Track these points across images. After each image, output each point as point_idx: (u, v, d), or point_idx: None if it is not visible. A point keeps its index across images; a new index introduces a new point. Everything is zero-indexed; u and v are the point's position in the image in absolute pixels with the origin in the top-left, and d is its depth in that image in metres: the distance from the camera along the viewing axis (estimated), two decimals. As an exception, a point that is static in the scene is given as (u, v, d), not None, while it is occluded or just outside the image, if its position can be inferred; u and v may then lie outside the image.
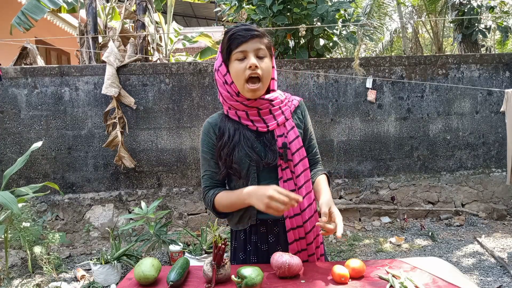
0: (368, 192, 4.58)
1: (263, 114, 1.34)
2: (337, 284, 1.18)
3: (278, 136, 1.34)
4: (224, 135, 1.34)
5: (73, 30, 7.86)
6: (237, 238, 1.43)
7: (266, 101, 1.33)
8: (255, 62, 1.25)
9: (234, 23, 6.15)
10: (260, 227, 1.37)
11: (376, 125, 4.53)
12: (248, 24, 1.32)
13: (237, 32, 1.27)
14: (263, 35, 1.30)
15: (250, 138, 1.33)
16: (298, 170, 1.35)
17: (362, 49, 13.50)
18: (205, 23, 13.47)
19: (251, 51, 1.26)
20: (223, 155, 1.33)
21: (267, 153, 1.32)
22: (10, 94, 4.16)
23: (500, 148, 4.61)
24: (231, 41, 1.27)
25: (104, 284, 3.21)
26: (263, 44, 1.29)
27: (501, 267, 3.32)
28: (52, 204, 4.24)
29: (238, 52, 1.27)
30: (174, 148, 4.36)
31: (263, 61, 1.29)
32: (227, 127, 1.35)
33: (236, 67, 1.27)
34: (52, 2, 4.53)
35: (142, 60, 4.62)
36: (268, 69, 1.30)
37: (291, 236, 1.33)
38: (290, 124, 1.37)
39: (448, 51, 13.03)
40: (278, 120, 1.35)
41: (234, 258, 1.44)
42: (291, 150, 1.33)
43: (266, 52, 1.30)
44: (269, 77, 1.33)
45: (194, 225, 4.41)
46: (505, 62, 4.58)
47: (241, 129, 1.34)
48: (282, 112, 1.36)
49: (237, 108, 1.34)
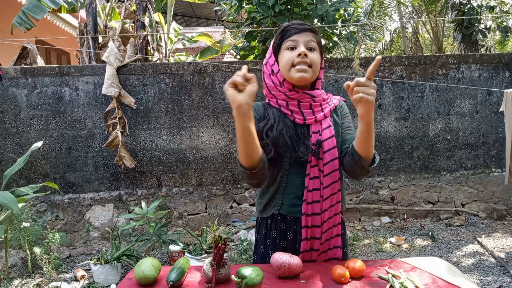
0: (368, 192, 4.58)
1: (303, 107, 1.34)
2: (337, 284, 1.18)
3: (313, 132, 1.34)
4: (269, 118, 1.34)
5: (73, 30, 7.86)
6: (259, 231, 1.46)
7: (308, 96, 1.34)
8: (305, 50, 1.28)
9: (234, 23, 6.16)
10: (280, 223, 1.39)
11: (376, 125, 4.53)
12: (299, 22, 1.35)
13: (291, 25, 1.32)
14: (315, 31, 1.34)
15: (290, 127, 1.33)
16: (327, 169, 1.33)
17: (362, 49, 13.50)
18: (205, 23, 13.47)
19: (302, 42, 1.30)
20: (270, 135, 1.31)
21: (300, 147, 1.32)
22: (10, 94, 4.16)
23: (500, 148, 4.61)
24: (284, 32, 1.32)
25: (104, 284, 3.21)
26: (314, 38, 1.32)
27: (501, 267, 3.32)
28: (52, 204, 4.24)
29: (290, 41, 1.30)
30: (174, 148, 4.36)
31: (313, 52, 1.31)
32: (270, 112, 1.35)
33: (286, 54, 1.30)
34: (53, 1, 4.53)
35: (142, 60, 4.62)
36: (316, 60, 1.32)
37: (304, 233, 1.33)
38: (327, 122, 1.36)
39: (448, 51, 13.02)
40: (317, 116, 1.34)
41: (255, 251, 1.47)
42: (323, 148, 1.33)
43: (317, 46, 1.33)
44: (317, 69, 1.33)
45: (194, 225, 4.41)
46: (505, 62, 4.58)
47: (284, 116, 1.34)
48: (322, 110, 1.36)
49: (278, 98, 1.35)
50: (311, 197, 1.33)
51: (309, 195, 1.33)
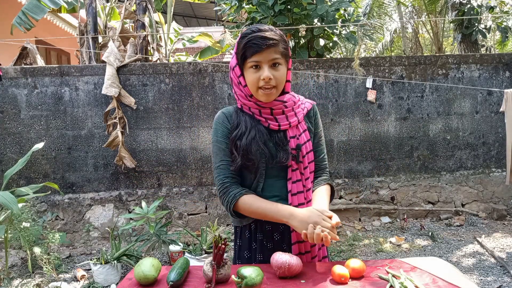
0: (368, 192, 4.58)
1: (275, 113, 1.35)
2: (337, 284, 1.18)
3: (291, 137, 1.35)
4: (240, 126, 1.34)
5: (73, 30, 7.86)
6: (241, 236, 1.42)
7: (279, 102, 1.35)
8: (269, 75, 1.26)
9: (234, 23, 6.15)
10: (266, 224, 1.37)
11: (376, 125, 4.53)
12: (264, 28, 1.27)
13: (252, 40, 1.25)
14: (278, 42, 1.27)
15: (264, 133, 1.33)
16: (307, 172, 1.36)
17: (362, 49, 13.50)
18: (205, 23, 13.47)
19: (265, 62, 1.26)
20: (240, 145, 1.31)
21: (278, 152, 1.32)
22: (10, 94, 4.16)
23: (500, 148, 4.61)
24: (246, 49, 1.26)
25: (104, 284, 3.21)
26: (278, 52, 1.27)
27: (501, 267, 3.32)
28: (52, 204, 4.24)
29: (252, 61, 1.27)
30: (174, 148, 4.36)
31: (277, 69, 1.29)
32: (243, 119, 1.35)
33: (251, 75, 1.28)
34: (53, 1, 4.53)
35: (142, 60, 4.62)
36: (282, 77, 1.30)
37: (294, 237, 1.34)
38: (302, 126, 1.38)
39: (448, 51, 13.02)
40: (291, 121, 1.36)
41: (238, 257, 1.42)
42: (302, 152, 1.35)
43: (282, 59, 1.29)
44: (283, 84, 1.33)
45: (194, 225, 4.41)
46: (505, 62, 4.58)
47: (255, 123, 1.34)
48: (295, 114, 1.37)
49: (250, 106, 1.36)
50: (297, 200, 1.34)
51: (294, 198, 1.34)
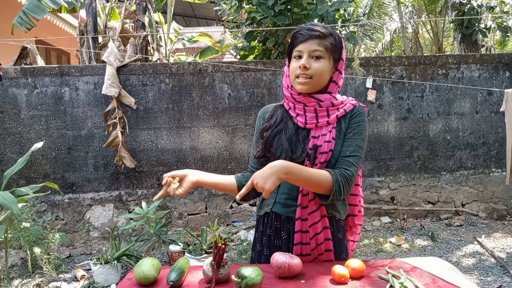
0: (368, 192, 4.58)
1: (307, 110, 1.35)
2: (337, 284, 1.18)
3: (313, 137, 1.33)
4: (272, 119, 1.42)
5: (73, 30, 7.86)
6: (257, 229, 1.50)
7: (314, 100, 1.33)
8: (305, 63, 1.29)
9: (234, 23, 6.15)
10: (275, 221, 1.41)
11: (376, 125, 4.53)
12: (316, 23, 1.35)
13: (300, 31, 1.32)
14: (325, 36, 1.30)
15: (291, 129, 1.37)
16: None
17: (362, 49, 13.50)
18: (205, 23, 13.47)
19: (306, 52, 1.30)
20: (265, 135, 1.39)
21: (298, 149, 1.34)
22: (10, 94, 4.16)
23: (500, 148, 4.61)
24: (294, 38, 1.33)
25: (104, 284, 3.21)
26: (321, 45, 1.29)
27: (501, 267, 3.32)
28: (52, 204, 4.24)
29: (296, 51, 1.32)
30: (174, 148, 4.36)
31: (318, 61, 1.30)
32: (277, 114, 1.42)
33: (292, 64, 1.34)
34: (53, 1, 4.53)
35: (142, 60, 4.62)
36: (321, 69, 1.30)
37: (297, 238, 1.35)
38: (328, 128, 1.33)
39: (448, 51, 13.02)
40: (320, 121, 1.33)
41: (253, 248, 1.51)
42: (318, 153, 1.32)
43: (325, 53, 1.30)
44: (321, 77, 1.31)
45: (194, 225, 4.41)
46: (505, 62, 4.58)
47: (286, 118, 1.39)
48: (328, 115, 1.33)
49: (288, 99, 1.40)
50: (307, 201, 1.33)
51: (304, 199, 1.33)
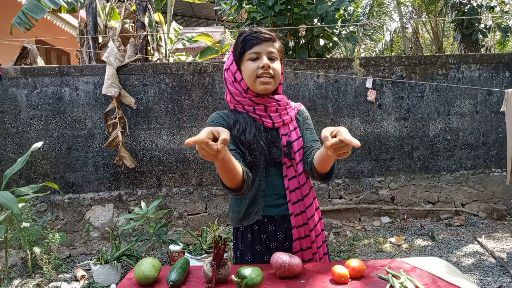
0: (368, 192, 4.58)
1: (269, 111, 1.37)
2: (337, 284, 1.18)
3: (283, 134, 1.38)
4: (240, 123, 1.35)
5: (73, 30, 7.86)
6: (243, 239, 1.40)
7: (274, 100, 1.38)
8: (268, 62, 1.31)
9: (234, 22, 6.15)
10: (268, 225, 1.38)
11: (376, 125, 4.53)
12: (260, 28, 1.38)
13: (251, 34, 1.34)
14: (275, 39, 1.37)
15: (261, 130, 1.36)
16: (300, 168, 1.38)
17: (362, 49, 13.50)
18: (205, 23, 13.47)
19: (264, 53, 1.33)
20: (246, 140, 1.32)
21: (272, 149, 1.34)
22: (10, 94, 4.16)
23: (500, 148, 4.61)
24: (245, 42, 1.34)
25: (104, 284, 3.21)
26: (274, 48, 1.36)
27: (501, 267, 3.32)
28: (52, 204, 4.24)
29: (252, 53, 1.33)
30: (174, 148, 4.36)
31: (274, 62, 1.35)
32: (240, 117, 1.37)
33: (249, 66, 1.33)
34: (53, 1, 4.53)
35: (142, 60, 4.62)
36: (278, 70, 1.36)
37: (295, 234, 1.35)
38: (293, 125, 1.42)
39: (448, 51, 13.02)
40: (284, 118, 1.39)
41: (241, 262, 1.40)
42: (293, 149, 1.37)
43: (277, 55, 1.37)
44: (279, 78, 1.38)
45: (194, 225, 4.41)
46: (505, 62, 4.58)
47: (251, 120, 1.37)
48: (287, 113, 1.41)
49: (244, 104, 1.38)
50: (295, 197, 1.36)
51: (292, 195, 1.36)
